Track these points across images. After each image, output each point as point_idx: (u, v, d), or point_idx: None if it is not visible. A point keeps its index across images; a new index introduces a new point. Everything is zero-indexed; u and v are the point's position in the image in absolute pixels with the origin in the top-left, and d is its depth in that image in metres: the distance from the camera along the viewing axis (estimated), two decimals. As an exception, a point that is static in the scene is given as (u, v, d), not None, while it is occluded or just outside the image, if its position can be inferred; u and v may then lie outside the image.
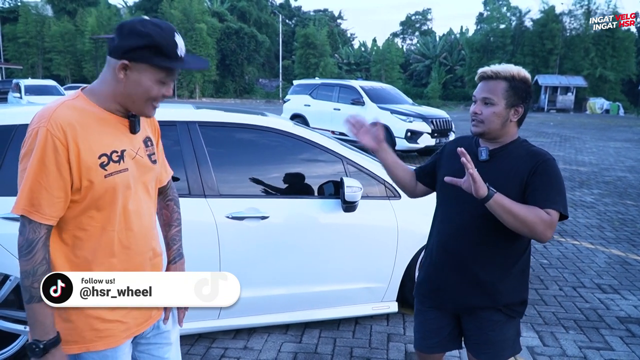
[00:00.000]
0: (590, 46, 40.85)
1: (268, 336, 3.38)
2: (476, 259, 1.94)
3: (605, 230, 6.26)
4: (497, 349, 1.99)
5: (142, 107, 1.47)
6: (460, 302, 2.01)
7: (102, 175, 1.41)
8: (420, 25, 74.63)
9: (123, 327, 1.53)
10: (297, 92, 14.21)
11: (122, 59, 1.39)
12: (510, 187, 1.81)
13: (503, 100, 1.87)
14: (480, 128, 1.90)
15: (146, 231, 1.57)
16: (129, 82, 1.41)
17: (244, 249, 3.16)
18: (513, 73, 1.87)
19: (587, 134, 20.75)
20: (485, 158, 1.91)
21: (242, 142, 3.36)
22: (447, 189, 1.95)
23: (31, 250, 1.35)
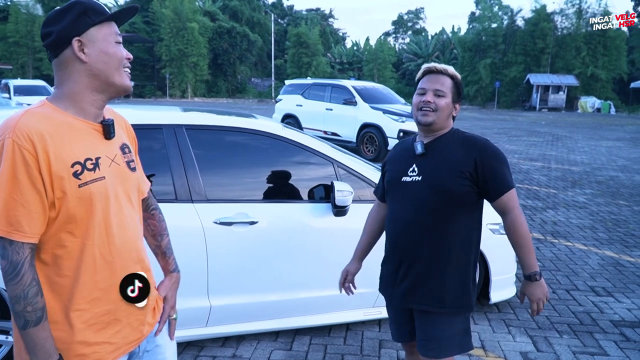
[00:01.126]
0: (582, 45, 41.01)
1: (257, 343, 3.32)
2: (421, 254, 2.01)
3: (598, 231, 6.23)
4: (443, 345, 2.02)
5: (117, 77, 1.40)
6: (407, 299, 2.07)
7: (76, 185, 1.30)
8: (413, 25, 74.73)
9: (111, 347, 1.43)
10: (289, 92, 14.13)
11: (73, 39, 1.33)
12: (448, 174, 1.95)
13: (450, 94, 2.03)
14: (431, 117, 2.00)
15: (131, 244, 1.46)
16: (92, 57, 1.35)
17: (232, 255, 3.09)
18: (454, 73, 2.07)
19: (579, 133, 20.82)
20: (422, 151, 2.02)
21: (230, 146, 3.29)
22: (393, 191, 2.11)
23: (17, 273, 1.25)
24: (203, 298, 3.06)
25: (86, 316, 1.37)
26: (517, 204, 1.97)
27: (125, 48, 1.46)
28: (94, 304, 1.38)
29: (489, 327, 3.60)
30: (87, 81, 1.37)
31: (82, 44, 1.34)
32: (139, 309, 1.50)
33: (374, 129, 11.33)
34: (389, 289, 2.18)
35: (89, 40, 1.35)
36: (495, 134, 19.31)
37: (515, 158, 12.76)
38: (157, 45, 47.43)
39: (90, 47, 1.35)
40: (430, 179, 1.98)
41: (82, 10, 1.34)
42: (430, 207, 1.98)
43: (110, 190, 1.39)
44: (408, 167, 2.05)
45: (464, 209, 1.99)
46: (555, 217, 6.85)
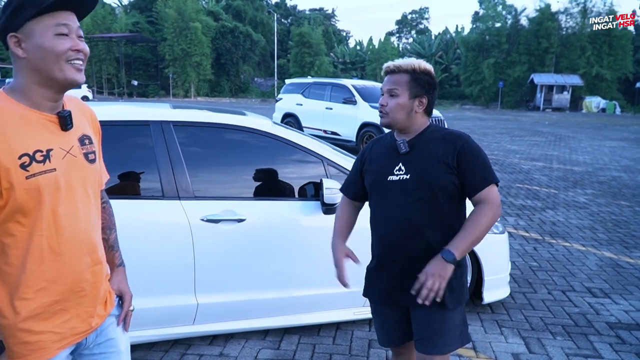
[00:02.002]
0: (587, 45, 40.81)
1: (245, 342, 3.27)
2: (418, 249, 1.97)
3: (597, 231, 6.16)
4: (445, 340, 2.00)
5: (60, 71, 1.34)
6: (404, 299, 2.02)
7: (23, 177, 1.29)
8: (417, 24, 74.58)
9: (57, 337, 1.42)
10: (289, 91, 14.10)
11: (7, 37, 1.31)
12: (435, 170, 1.94)
13: (407, 91, 1.97)
14: (385, 119, 2.01)
15: (82, 236, 1.44)
16: (29, 53, 1.32)
17: (219, 253, 3.05)
18: (414, 66, 1.98)
19: (583, 133, 20.70)
20: (406, 150, 2.00)
21: (218, 143, 3.25)
22: (378, 189, 2.06)
23: None
24: (190, 295, 3.02)
25: (32, 305, 1.36)
26: (497, 199, 1.92)
27: (128, 47, 1.41)
28: (41, 294, 1.37)
29: (481, 327, 3.55)
30: (31, 75, 1.34)
31: (18, 39, 1.32)
32: (88, 301, 1.48)
33: (373, 128, 11.27)
34: (385, 289, 2.10)
35: (26, 35, 1.32)
36: (497, 134, 19.22)
37: (517, 158, 12.68)
38: (160, 45, 47.50)
39: (28, 42, 1.32)
40: (419, 175, 1.96)
41: (18, 5, 1.30)
42: (423, 203, 1.96)
43: (62, 182, 1.37)
44: (394, 166, 2.01)
45: (454, 201, 1.98)
46: (554, 218, 6.78)
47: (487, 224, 1.88)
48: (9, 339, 1.35)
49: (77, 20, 1.39)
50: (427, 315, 2.01)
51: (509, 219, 6.62)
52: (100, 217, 1.57)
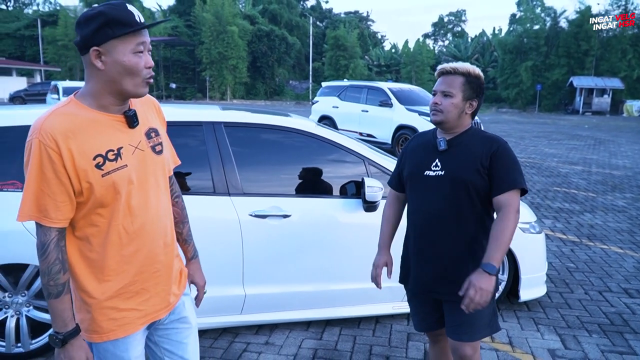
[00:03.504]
0: (628, 47, 39.67)
1: (289, 332, 3.45)
2: (448, 244, 2.11)
3: (636, 234, 6.12)
4: (475, 328, 2.13)
5: (132, 85, 1.48)
6: (434, 291, 2.19)
7: (99, 176, 1.46)
8: (453, 27, 73.84)
9: (139, 314, 1.62)
10: (325, 93, 14.30)
11: (91, 48, 1.42)
12: (469, 169, 2.06)
13: (460, 93, 2.10)
14: (439, 117, 2.11)
15: (154, 222, 1.62)
16: (108, 67, 1.44)
17: (266, 247, 3.23)
18: (469, 70, 2.12)
19: (623, 137, 20.21)
20: (444, 148, 2.13)
21: (265, 142, 3.44)
22: (414, 182, 2.21)
23: (45, 251, 1.44)
24: (238, 286, 3.22)
25: (115, 286, 1.56)
26: (518, 205, 2.02)
27: (167, 51, 1.57)
28: (122, 276, 1.56)
29: (518, 324, 3.64)
30: (104, 85, 1.47)
31: (99, 53, 1.43)
32: (164, 280, 1.67)
33: (409, 130, 11.35)
34: (414, 281, 2.26)
35: (107, 50, 1.43)
36: (534, 137, 18.97)
37: (555, 162, 12.54)
38: (197, 49, 48.42)
39: (108, 57, 1.44)
40: (452, 173, 2.08)
41: (105, 22, 1.41)
42: (453, 200, 2.08)
43: (134, 176, 1.54)
44: (431, 162, 2.15)
45: (483, 201, 2.09)
46: (592, 221, 6.75)
47: (512, 228, 1.97)
48: (98, 316, 1.55)
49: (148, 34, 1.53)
50: (456, 307, 2.10)
51: (546, 222, 6.63)
52: (170, 203, 1.75)
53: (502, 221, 1.98)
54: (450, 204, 2.09)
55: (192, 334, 1.82)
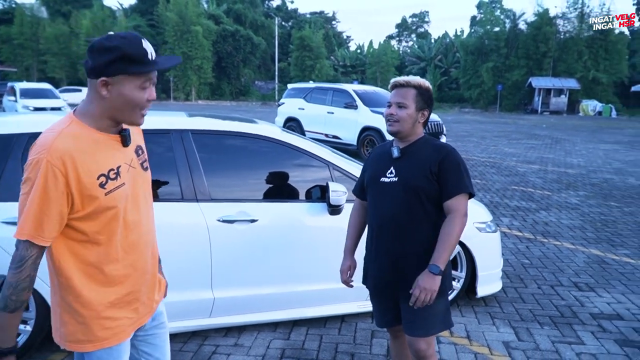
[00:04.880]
0: (584, 49, 41.22)
1: (258, 333, 3.56)
2: (401, 245, 2.26)
3: (587, 231, 6.46)
4: (429, 324, 2.28)
5: (131, 116, 1.56)
6: (390, 289, 2.35)
7: (102, 194, 1.53)
8: (417, 28, 74.90)
9: (130, 321, 1.72)
10: (291, 95, 14.40)
11: (100, 77, 1.48)
12: (419, 175, 2.22)
13: (413, 104, 2.27)
14: (395, 127, 2.28)
15: (145, 235, 1.73)
16: (112, 96, 1.51)
17: (234, 251, 3.33)
18: (420, 83, 2.30)
19: (578, 136, 21.02)
20: (398, 155, 2.30)
21: (232, 149, 3.53)
22: (372, 188, 2.37)
23: (20, 265, 1.47)
24: (207, 290, 3.30)
25: (112, 297, 1.65)
26: (465, 209, 2.19)
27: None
28: (119, 287, 1.66)
29: (475, 319, 3.84)
30: (104, 110, 1.54)
31: (107, 83, 1.49)
32: (150, 289, 1.79)
33: (374, 132, 11.57)
34: (371, 280, 2.44)
35: (115, 82, 1.50)
36: (495, 137, 19.53)
37: (514, 161, 12.98)
38: (161, 49, 47.79)
39: (114, 88, 1.50)
40: (404, 179, 2.24)
41: (120, 57, 1.47)
42: (406, 204, 2.24)
43: (129, 193, 1.64)
44: (386, 169, 2.31)
45: (435, 205, 2.25)
46: (547, 218, 7.08)
47: (459, 231, 2.15)
48: (94, 326, 1.62)
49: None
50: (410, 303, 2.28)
51: (503, 220, 6.91)
52: (153, 216, 1.86)
53: (449, 225, 2.15)
54: (403, 208, 2.24)
55: (166, 337, 1.94)
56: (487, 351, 3.38)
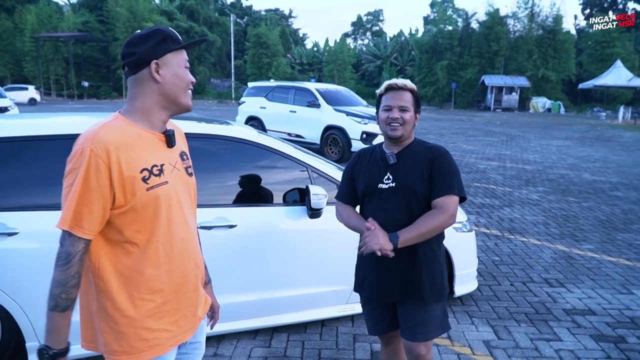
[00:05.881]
0: (534, 48, 42.67)
1: (237, 342, 3.46)
2: (403, 251, 2.16)
3: (550, 226, 6.64)
4: (428, 329, 2.27)
5: (183, 97, 1.58)
6: (390, 295, 2.29)
7: (144, 189, 1.48)
8: (372, 26, 75.61)
9: (169, 334, 1.59)
10: (251, 94, 14.21)
11: (151, 61, 1.51)
12: (416, 178, 2.19)
13: (412, 107, 2.27)
14: (399, 131, 2.23)
15: (189, 242, 1.64)
16: (165, 78, 1.54)
17: (212, 258, 3.15)
18: (413, 87, 2.30)
19: (531, 132, 21.69)
20: (394, 161, 2.25)
21: (209, 153, 3.41)
22: (369, 196, 2.31)
23: (68, 262, 1.42)
24: (185, 299, 3.18)
25: (150, 305, 1.54)
26: (454, 210, 2.15)
27: (78, 47, 1.64)
28: (157, 295, 1.55)
29: (454, 318, 3.86)
30: (157, 98, 1.55)
31: (158, 66, 1.53)
32: (192, 301, 1.67)
33: (337, 131, 11.56)
34: (367, 287, 2.36)
35: (165, 63, 1.54)
36: (453, 134, 19.90)
37: (473, 158, 13.25)
38: (112, 45, 46.45)
39: (165, 70, 1.54)
40: (403, 184, 2.21)
41: (163, 38, 1.54)
42: (406, 208, 2.20)
43: (173, 193, 1.56)
44: (383, 176, 2.27)
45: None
46: (511, 215, 7.24)
47: (435, 225, 2.11)
48: (130, 335, 1.52)
49: None
50: (411, 309, 2.27)
51: (470, 217, 7.02)
52: (196, 223, 1.76)
53: (430, 215, 2.12)
54: (404, 212, 2.20)
55: (202, 352, 1.86)
56: (469, 351, 3.40)
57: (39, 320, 2.77)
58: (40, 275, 2.75)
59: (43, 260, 2.78)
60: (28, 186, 2.90)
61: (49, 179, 2.85)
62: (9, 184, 2.86)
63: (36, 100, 35.29)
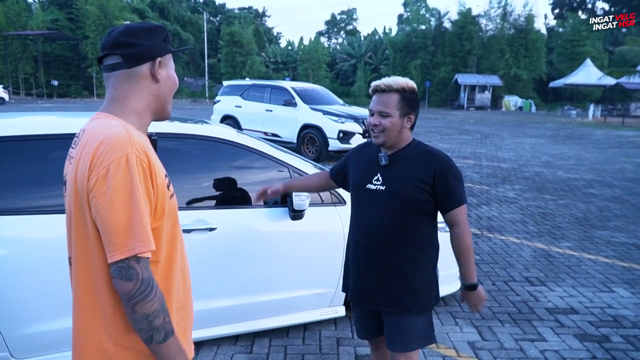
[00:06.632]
0: (506, 47, 43.34)
1: (217, 348, 3.34)
2: (386, 257, 2.13)
3: (528, 224, 6.68)
4: (409, 340, 2.18)
5: (169, 104, 1.47)
6: (372, 302, 2.22)
7: (168, 196, 1.35)
8: (346, 25, 75.74)
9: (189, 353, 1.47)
10: (227, 93, 14.01)
11: (156, 58, 1.38)
12: (409, 184, 2.07)
13: (397, 110, 2.08)
14: (380, 139, 2.11)
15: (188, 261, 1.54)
16: (163, 79, 1.41)
17: (192, 262, 3.02)
18: (403, 85, 2.08)
19: (505, 130, 21.98)
20: (385, 163, 2.13)
21: (187, 153, 3.29)
22: (357, 195, 2.23)
23: (152, 288, 1.22)
24: (163, 306, 3.05)
25: (181, 323, 1.42)
26: (466, 219, 2.13)
27: (47, 45, 1.50)
28: (177, 314, 1.41)
29: (438, 320, 3.81)
30: (151, 100, 1.40)
31: (160, 64, 1.40)
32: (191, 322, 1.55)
33: (314, 129, 11.47)
34: (354, 291, 2.29)
35: (164, 64, 1.41)
36: (428, 133, 20.02)
37: (449, 156, 13.29)
38: (82, 43, 45.44)
39: (163, 70, 1.41)
40: (392, 188, 2.10)
41: (166, 36, 1.43)
42: (393, 214, 2.10)
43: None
44: (372, 176, 2.16)
45: (424, 216, 2.13)
46: (489, 213, 7.26)
47: (471, 243, 2.12)
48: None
49: None
50: (394, 318, 2.19)
51: (449, 216, 7.01)
52: None
53: (462, 240, 2.11)
54: (391, 218, 2.10)
55: None
56: (454, 353, 3.35)
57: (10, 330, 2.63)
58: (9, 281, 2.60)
59: (14, 268, 2.64)
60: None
61: (20, 181, 2.71)
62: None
63: (4, 99, 34.31)
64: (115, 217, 1.19)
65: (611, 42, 46.82)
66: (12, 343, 2.66)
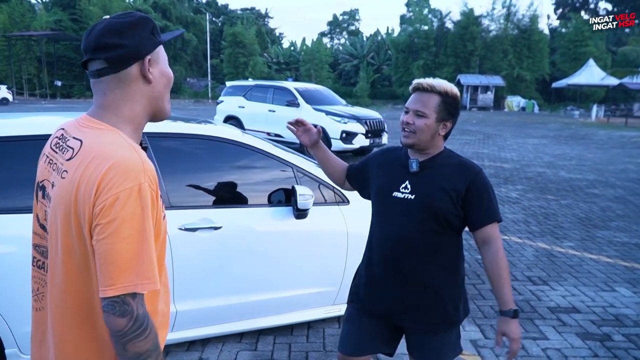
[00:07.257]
0: (509, 48, 43.33)
1: (222, 346, 3.38)
2: (415, 272, 2.00)
3: (531, 224, 6.70)
4: (441, 356, 2.09)
5: (167, 102, 1.32)
6: (397, 318, 2.09)
7: (162, 217, 1.26)
8: (348, 25, 75.79)
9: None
10: (229, 93, 14.07)
11: (146, 56, 1.22)
12: (442, 196, 1.93)
13: (434, 114, 1.94)
14: (411, 139, 1.97)
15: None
16: (156, 79, 1.26)
17: (197, 261, 3.14)
18: (446, 89, 1.94)
19: (507, 131, 21.98)
20: (416, 170, 1.99)
21: (192, 153, 3.33)
22: (381, 201, 2.09)
23: (146, 326, 1.12)
24: (169, 304, 3.09)
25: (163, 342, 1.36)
26: (499, 236, 1.95)
27: (50, 46, 1.34)
28: (165, 330, 1.38)
29: (441, 318, 3.84)
30: (145, 103, 1.26)
31: (150, 62, 1.24)
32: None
33: (317, 130, 11.49)
34: (379, 303, 2.11)
35: (154, 60, 1.25)
36: (430, 133, 20.00)
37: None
38: (85, 44, 45.50)
39: (154, 68, 1.25)
40: (423, 198, 1.96)
41: (152, 28, 1.25)
42: (422, 226, 1.95)
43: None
44: (400, 183, 2.02)
45: (453, 230, 1.99)
46: (491, 213, 7.27)
47: (507, 262, 1.92)
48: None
49: None
50: (423, 335, 2.08)
51: (451, 216, 7.04)
52: None
53: (497, 259, 1.90)
54: (419, 230, 1.96)
55: None
56: (457, 352, 3.38)
57: (19, 327, 2.67)
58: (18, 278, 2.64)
59: (20, 265, 2.68)
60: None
61: (20, 180, 2.75)
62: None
63: (8, 100, 34.41)
64: (118, 249, 1.08)
65: (614, 43, 46.81)
66: (21, 340, 2.71)
